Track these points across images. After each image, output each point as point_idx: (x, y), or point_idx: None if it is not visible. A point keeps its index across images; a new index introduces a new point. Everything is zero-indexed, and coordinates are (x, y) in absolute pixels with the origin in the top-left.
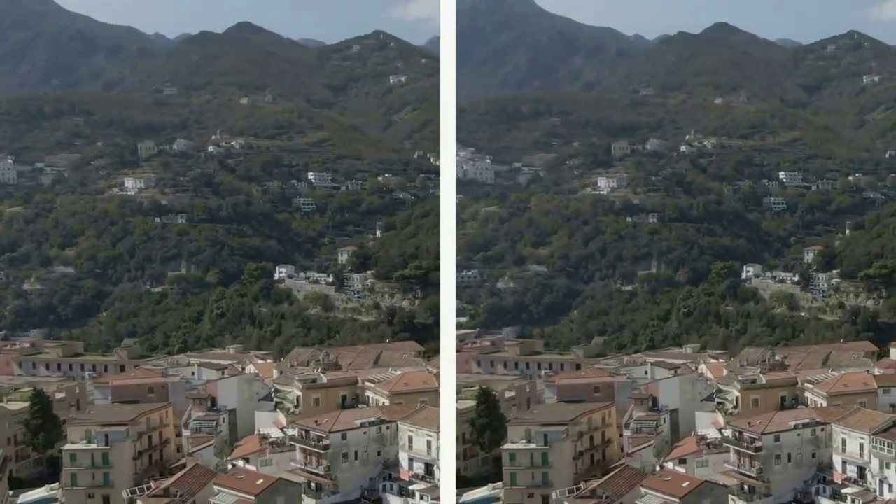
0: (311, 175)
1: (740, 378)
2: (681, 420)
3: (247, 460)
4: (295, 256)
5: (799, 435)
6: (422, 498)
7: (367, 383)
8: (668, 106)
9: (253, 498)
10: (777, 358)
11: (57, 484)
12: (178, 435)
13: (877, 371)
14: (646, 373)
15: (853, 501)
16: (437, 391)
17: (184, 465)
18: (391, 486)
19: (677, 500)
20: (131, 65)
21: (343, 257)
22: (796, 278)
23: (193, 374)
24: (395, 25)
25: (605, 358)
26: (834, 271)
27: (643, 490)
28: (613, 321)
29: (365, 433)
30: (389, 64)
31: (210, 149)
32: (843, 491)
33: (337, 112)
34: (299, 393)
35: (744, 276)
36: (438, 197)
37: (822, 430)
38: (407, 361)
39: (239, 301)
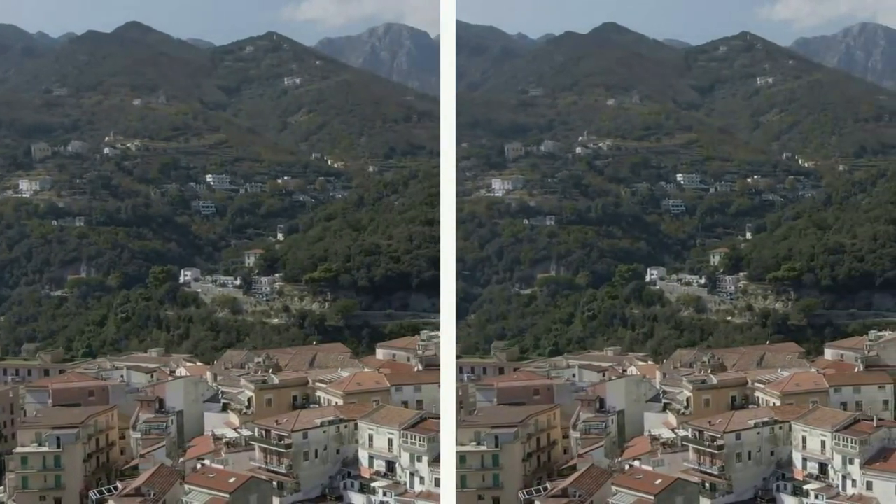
0: (209, 177)
1: (691, 379)
2: (627, 421)
3: (202, 460)
4: (196, 259)
5: (758, 433)
6: (385, 494)
7: (317, 384)
8: (559, 107)
9: (227, 496)
10: (717, 359)
11: (2, 487)
12: (122, 437)
13: (813, 370)
14: (573, 375)
15: (816, 497)
16: (388, 391)
17: (136, 467)
18: (351, 483)
19: (652, 498)
20: (15, 64)
21: (250, 260)
22: (703, 281)
23: (122, 377)
24: (286, 26)
25: (531, 361)
26: (741, 274)
27: (615, 488)
28: (513, 325)
29: (325, 432)
30: (284, 65)
31: (106, 150)
32: (806, 487)
33: (232, 113)
34: (251, 394)
35: (648, 278)
36: (340, 200)
37: (780, 428)
38: (344, 363)
39: (144, 305)
